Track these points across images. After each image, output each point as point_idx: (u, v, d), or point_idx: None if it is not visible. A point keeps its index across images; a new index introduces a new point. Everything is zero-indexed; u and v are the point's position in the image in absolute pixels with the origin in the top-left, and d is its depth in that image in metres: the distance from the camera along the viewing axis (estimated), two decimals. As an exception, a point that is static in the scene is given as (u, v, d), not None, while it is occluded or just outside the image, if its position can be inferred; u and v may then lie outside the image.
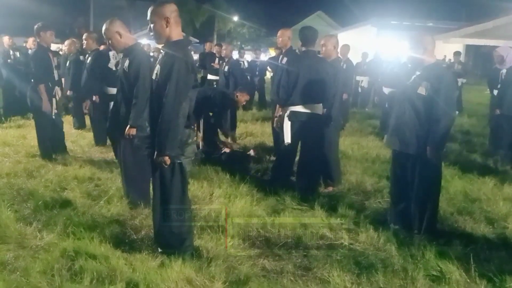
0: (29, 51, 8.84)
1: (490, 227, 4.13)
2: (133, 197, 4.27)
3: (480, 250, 3.58)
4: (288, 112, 4.70)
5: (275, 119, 4.96)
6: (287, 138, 4.67)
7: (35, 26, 5.69)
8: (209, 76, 10.48)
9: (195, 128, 6.36)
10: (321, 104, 4.71)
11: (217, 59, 10.54)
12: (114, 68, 5.64)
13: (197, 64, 10.75)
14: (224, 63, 8.58)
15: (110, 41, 4.15)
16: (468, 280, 3.12)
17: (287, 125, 4.69)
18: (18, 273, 3.02)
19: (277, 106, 4.99)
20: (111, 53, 5.77)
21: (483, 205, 4.63)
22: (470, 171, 5.75)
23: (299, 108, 4.67)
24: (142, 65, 4.02)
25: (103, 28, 4.13)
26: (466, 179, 5.44)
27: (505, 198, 4.83)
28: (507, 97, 6.27)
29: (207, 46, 11.85)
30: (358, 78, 12.21)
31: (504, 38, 13.65)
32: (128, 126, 4.03)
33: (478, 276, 3.14)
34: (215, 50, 11.01)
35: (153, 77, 3.17)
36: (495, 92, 6.88)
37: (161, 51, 3.21)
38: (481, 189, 5.08)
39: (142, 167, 4.13)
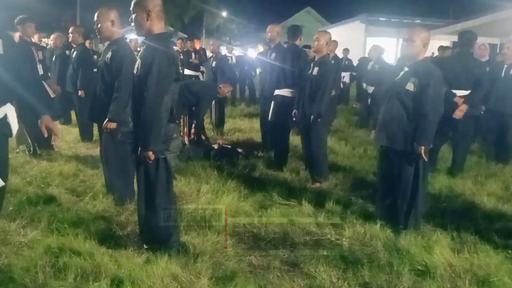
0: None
1: (475, 222, 4.17)
2: (117, 192, 4.22)
3: (465, 245, 3.61)
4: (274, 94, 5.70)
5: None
6: (271, 116, 5.70)
7: (15, 20, 5.60)
8: (186, 71, 10.41)
9: (180, 123, 6.32)
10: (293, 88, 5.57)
11: (193, 54, 10.55)
12: None
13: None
14: (212, 59, 8.54)
15: (99, 26, 4.03)
16: (453, 275, 3.15)
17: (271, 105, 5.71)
18: (0, 270, 2.96)
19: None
20: None
21: (468, 200, 4.68)
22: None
23: (280, 91, 5.66)
24: (125, 59, 3.95)
25: (98, 12, 4.03)
26: (451, 175, 5.48)
27: (489, 193, 4.89)
28: (492, 93, 6.32)
29: (188, 43, 11.69)
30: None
31: (490, 36, 13.76)
32: (107, 119, 3.97)
33: (462, 271, 3.17)
34: (178, 44, 10.88)
35: (135, 71, 3.13)
36: None
37: (142, 44, 3.17)
38: (466, 185, 5.13)
39: (125, 162, 4.09)
